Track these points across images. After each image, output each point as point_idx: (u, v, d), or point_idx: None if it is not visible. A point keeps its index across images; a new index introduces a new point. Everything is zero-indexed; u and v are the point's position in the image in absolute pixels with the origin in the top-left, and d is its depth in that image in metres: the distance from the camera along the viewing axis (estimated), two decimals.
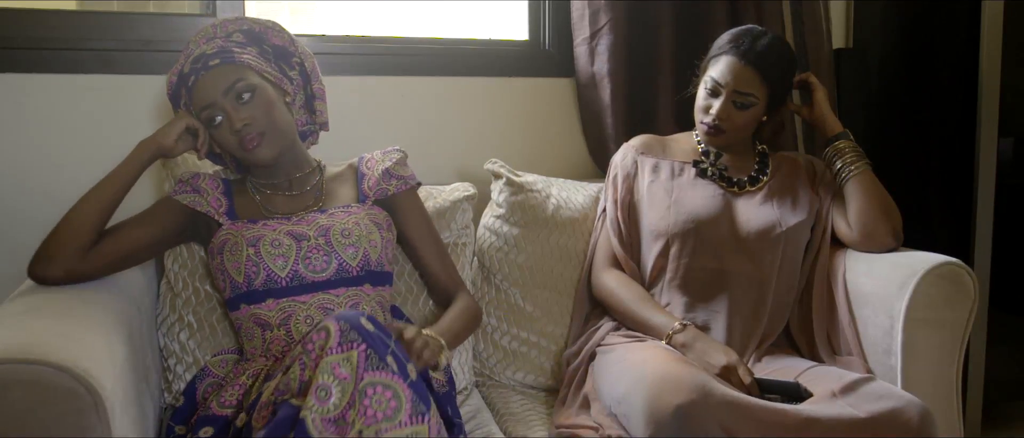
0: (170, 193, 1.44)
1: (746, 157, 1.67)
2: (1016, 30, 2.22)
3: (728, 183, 1.62)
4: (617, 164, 1.69)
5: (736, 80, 1.53)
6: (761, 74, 1.53)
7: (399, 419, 1.05)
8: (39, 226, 1.30)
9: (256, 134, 1.36)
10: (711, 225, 1.55)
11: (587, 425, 1.38)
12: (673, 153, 1.68)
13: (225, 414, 1.26)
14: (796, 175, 1.66)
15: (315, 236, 1.39)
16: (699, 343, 1.42)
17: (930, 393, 1.42)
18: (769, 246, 1.54)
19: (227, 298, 1.40)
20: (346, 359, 1.06)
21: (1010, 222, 2.29)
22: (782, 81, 1.57)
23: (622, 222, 1.63)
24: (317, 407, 1.02)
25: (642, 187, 1.63)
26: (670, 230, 1.55)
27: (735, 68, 1.53)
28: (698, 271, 1.53)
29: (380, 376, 1.06)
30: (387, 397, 1.05)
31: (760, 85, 1.54)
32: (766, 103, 1.57)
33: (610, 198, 1.67)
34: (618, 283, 1.59)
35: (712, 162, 1.64)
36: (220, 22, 1.41)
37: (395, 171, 1.52)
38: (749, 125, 1.59)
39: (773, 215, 1.57)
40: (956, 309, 1.47)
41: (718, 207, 1.57)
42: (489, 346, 1.69)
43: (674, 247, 1.55)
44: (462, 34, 2.13)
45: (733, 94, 1.54)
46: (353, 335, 1.08)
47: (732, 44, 1.55)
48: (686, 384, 1.19)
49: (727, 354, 1.38)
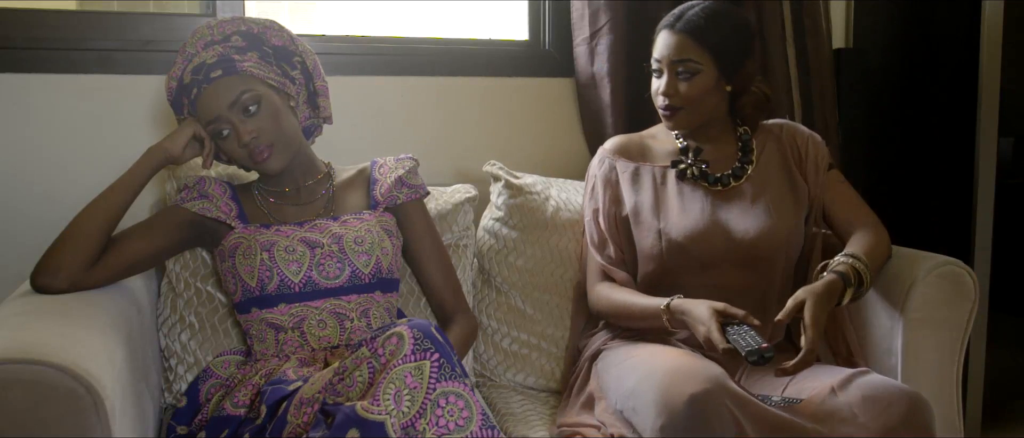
0: (177, 201, 1.42)
1: (726, 144, 1.58)
2: (1016, 30, 2.22)
3: (710, 181, 1.53)
4: (594, 173, 1.62)
5: (671, 50, 1.48)
6: (694, 38, 1.47)
7: (470, 429, 1.07)
8: (39, 226, 1.30)
9: (265, 146, 1.36)
10: (704, 243, 1.48)
11: (590, 424, 1.38)
12: (653, 155, 1.61)
13: (239, 414, 1.26)
14: (782, 156, 1.57)
15: (329, 243, 1.39)
16: (687, 304, 1.37)
17: (930, 393, 1.41)
18: (767, 256, 1.48)
19: (237, 301, 1.40)
20: (417, 368, 1.08)
21: (1010, 222, 2.30)
22: (724, 42, 1.48)
23: (610, 237, 1.56)
24: (396, 411, 1.04)
25: (626, 199, 1.56)
26: (663, 256, 1.49)
27: (667, 40, 1.49)
28: (697, 290, 1.45)
29: (453, 386, 1.09)
30: (459, 407, 1.07)
31: (697, 49, 1.47)
32: (716, 69, 1.48)
33: (590, 213, 1.61)
34: (610, 290, 1.54)
35: (691, 161, 1.55)
36: (217, 23, 1.40)
37: (407, 180, 1.52)
38: (705, 96, 1.50)
39: (767, 221, 1.49)
40: (956, 309, 1.47)
41: (709, 221, 1.49)
42: (489, 348, 1.69)
43: (669, 270, 1.50)
44: (462, 34, 2.13)
45: (673, 66, 1.49)
46: (426, 344, 1.10)
47: (663, 22, 1.52)
48: (700, 374, 1.18)
49: (705, 321, 1.31)
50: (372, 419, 1.03)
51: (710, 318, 1.31)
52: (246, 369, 1.36)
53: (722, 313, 1.32)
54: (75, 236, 1.26)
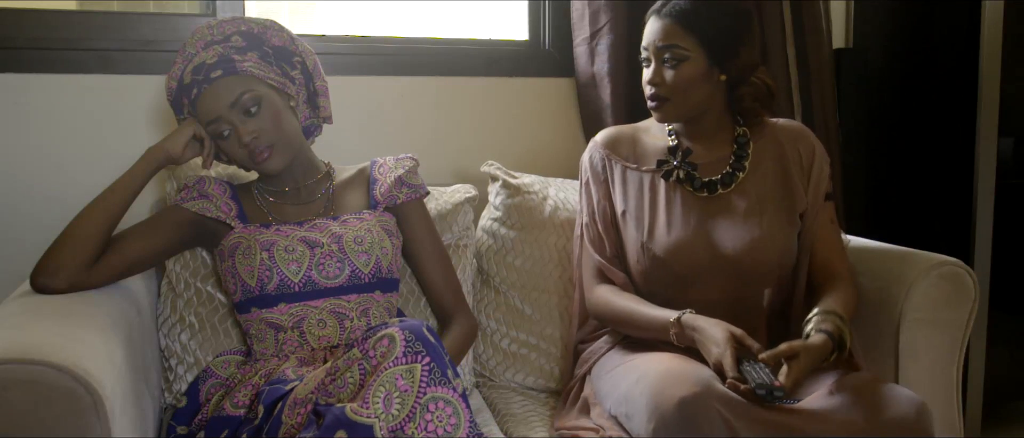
0: (177, 201, 1.42)
1: (721, 144, 1.49)
2: (1016, 30, 2.22)
3: (695, 186, 1.46)
4: (586, 168, 1.57)
5: (657, 37, 1.42)
6: (681, 23, 1.40)
7: (458, 435, 1.07)
8: (39, 226, 1.30)
9: (266, 147, 1.36)
10: (688, 259, 1.42)
11: (588, 427, 1.38)
12: (643, 151, 1.53)
13: (239, 414, 1.26)
14: (781, 163, 1.48)
15: (328, 243, 1.39)
16: (700, 321, 1.32)
17: (930, 393, 1.42)
18: (755, 274, 1.43)
19: (237, 301, 1.40)
20: (409, 371, 1.07)
21: (1010, 222, 2.29)
22: (715, 26, 1.40)
23: (604, 235, 1.52)
24: (384, 415, 1.04)
25: (616, 199, 1.52)
26: (646, 271, 1.46)
27: (654, 27, 1.43)
28: (678, 303, 1.41)
29: (442, 392, 1.08)
30: (448, 413, 1.07)
31: (685, 35, 1.40)
32: (706, 57, 1.41)
33: (586, 210, 1.55)
34: (612, 294, 1.48)
35: (677, 163, 1.48)
36: (217, 23, 1.40)
37: (407, 179, 1.52)
38: (693, 85, 1.42)
39: (758, 237, 1.42)
40: (956, 309, 1.47)
41: (695, 234, 1.43)
42: (489, 348, 1.69)
43: (650, 281, 1.46)
44: (462, 34, 2.13)
45: (659, 53, 1.42)
46: (418, 346, 1.09)
47: (651, 9, 1.45)
48: (690, 378, 1.18)
49: (720, 344, 1.26)
50: (360, 421, 1.03)
51: (726, 342, 1.26)
52: (246, 369, 1.36)
53: (739, 341, 1.27)
54: (75, 236, 1.25)
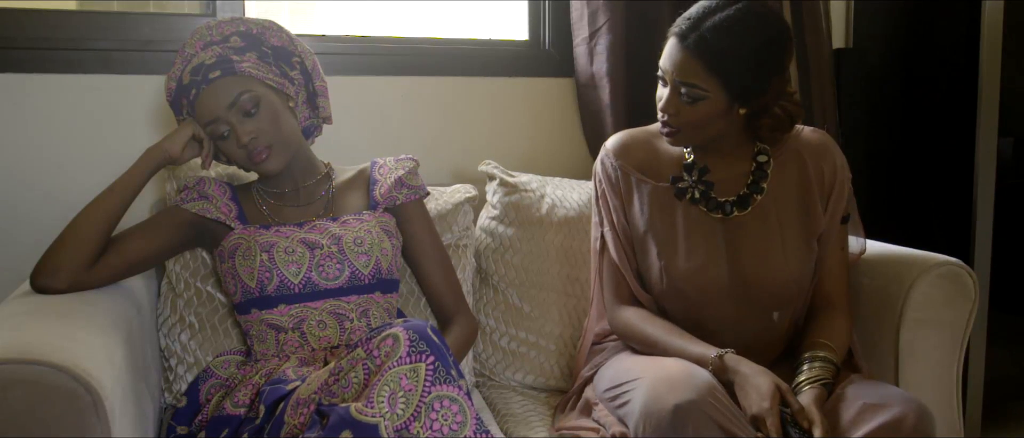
0: (177, 201, 1.42)
1: (740, 161, 1.41)
2: (1016, 30, 2.22)
3: (710, 208, 1.38)
4: (601, 178, 1.47)
5: (676, 69, 1.27)
6: (703, 61, 1.24)
7: (463, 434, 1.07)
8: (39, 226, 1.30)
9: (264, 147, 1.36)
10: (706, 284, 1.37)
11: (588, 426, 1.38)
12: (659, 160, 1.44)
13: (239, 414, 1.26)
14: (802, 181, 1.40)
15: (328, 244, 1.39)
16: (745, 367, 1.25)
17: (930, 393, 1.42)
18: (778, 297, 1.38)
19: (237, 302, 1.40)
20: (413, 370, 1.08)
21: (1010, 222, 2.30)
22: (742, 70, 1.25)
23: (626, 249, 1.44)
24: (389, 414, 1.04)
25: (635, 216, 1.43)
26: (666, 292, 1.40)
27: (674, 54, 1.28)
28: (700, 323, 1.38)
29: (447, 390, 1.09)
30: (453, 412, 1.08)
31: (705, 74, 1.25)
32: (726, 96, 1.28)
33: (607, 223, 1.46)
34: (641, 320, 1.41)
35: (694, 181, 1.40)
36: (216, 24, 1.40)
37: (407, 180, 1.52)
38: (710, 122, 1.30)
39: (779, 262, 1.36)
40: (956, 309, 1.47)
41: (713, 259, 1.37)
42: (488, 347, 1.69)
43: (671, 303, 1.41)
44: (462, 34, 2.13)
45: (677, 85, 1.28)
46: (422, 346, 1.10)
47: (674, 25, 1.30)
48: (685, 384, 1.18)
49: (766, 398, 1.19)
50: (366, 421, 1.03)
51: (772, 396, 1.19)
52: (246, 369, 1.36)
53: (783, 395, 1.21)
54: (75, 236, 1.26)
